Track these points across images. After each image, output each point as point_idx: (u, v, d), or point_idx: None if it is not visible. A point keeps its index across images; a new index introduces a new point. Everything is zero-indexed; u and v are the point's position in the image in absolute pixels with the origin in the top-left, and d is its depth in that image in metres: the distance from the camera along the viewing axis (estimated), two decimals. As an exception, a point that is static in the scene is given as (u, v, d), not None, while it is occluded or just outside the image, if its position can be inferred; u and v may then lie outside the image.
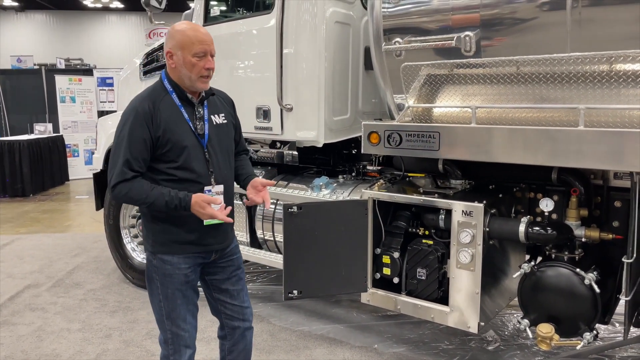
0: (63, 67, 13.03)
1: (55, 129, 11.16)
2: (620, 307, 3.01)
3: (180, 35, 2.14)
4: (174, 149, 2.15)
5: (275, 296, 4.33)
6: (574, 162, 2.47)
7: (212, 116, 2.30)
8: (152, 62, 4.67)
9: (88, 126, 11.80)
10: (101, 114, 12.15)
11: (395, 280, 3.17)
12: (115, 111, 5.37)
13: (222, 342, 2.55)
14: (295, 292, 3.06)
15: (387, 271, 3.19)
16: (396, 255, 3.16)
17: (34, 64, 13.08)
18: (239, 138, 2.52)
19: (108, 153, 4.70)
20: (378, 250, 3.22)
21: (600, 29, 2.47)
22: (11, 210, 8.19)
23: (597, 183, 2.94)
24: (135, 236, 4.63)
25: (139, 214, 4.53)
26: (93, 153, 11.90)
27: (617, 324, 3.60)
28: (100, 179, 4.92)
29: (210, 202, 2.11)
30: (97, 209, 5.03)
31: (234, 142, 2.45)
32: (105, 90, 12.12)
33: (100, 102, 12.03)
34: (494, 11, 2.72)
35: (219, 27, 4.07)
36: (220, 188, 2.25)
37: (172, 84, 2.21)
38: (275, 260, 3.76)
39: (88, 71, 12.20)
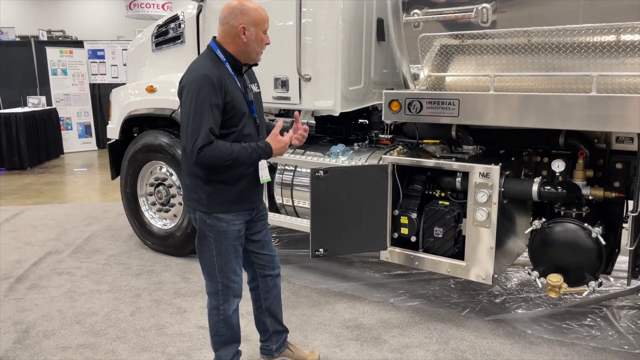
0: (45, 39, 12.80)
1: (48, 102, 11.08)
2: (619, 264, 3.31)
3: (255, 13, 2.34)
4: (237, 116, 2.35)
5: (290, 258, 4.55)
6: (587, 125, 2.70)
7: (251, 85, 2.54)
8: (165, 34, 4.75)
9: (80, 99, 11.75)
10: (93, 86, 12.09)
11: (413, 239, 3.41)
12: (122, 83, 5.43)
13: (255, 293, 2.80)
14: (321, 250, 3.30)
15: (404, 231, 3.43)
16: (414, 215, 3.39)
17: (16, 36, 12.83)
18: None
19: (125, 123, 4.82)
20: (396, 212, 3.45)
21: (610, 1, 2.67)
22: (12, 182, 8.23)
23: (601, 147, 3.19)
24: (153, 203, 4.78)
25: (157, 182, 4.70)
26: (87, 126, 12.00)
27: (611, 278, 3.91)
28: (114, 149, 5.04)
29: (277, 135, 2.42)
30: (113, 178, 5.15)
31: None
32: (96, 62, 12.02)
33: (92, 74, 11.94)
34: (511, -16, 2.90)
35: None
36: None
37: (226, 54, 2.38)
38: (296, 223, 3.97)
39: (78, 43, 12.04)
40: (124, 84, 5.21)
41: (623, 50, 2.67)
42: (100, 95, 11.77)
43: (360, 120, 4.40)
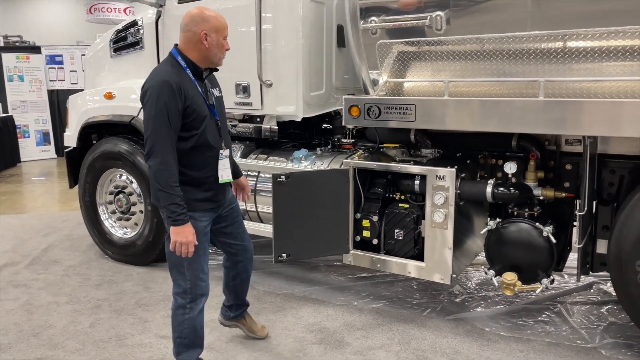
0: (2, 44, 12.40)
1: (4, 109, 10.73)
2: (570, 261, 3.45)
3: (215, 20, 2.47)
4: (197, 119, 2.44)
5: (255, 264, 4.53)
6: (536, 128, 2.81)
7: (213, 90, 2.66)
8: (124, 39, 4.68)
9: (38, 106, 11.43)
10: (52, 93, 11.77)
11: (375, 241, 3.47)
12: (81, 89, 5.32)
13: (227, 270, 3.04)
14: (284, 255, 3.33)
15: (366, 234, 3.48)
16: (375, 218, 3.45)
17: (-31, 42, 12.39)
18: None
19: (82, 131, 4.73)
20: (358, 215, 3.49)
21: (556, 9, 2.79)
22: (-35, 193, 7.93)
23: (551, 149, 3.33)
24: (113, 212, 4.70)
25: (117, 190, 4.63)
26: (46, 134, 11.66)
27: (565, 276, 4.06)
28: (72, 157, 4.93)
29: (190, 243, 2.40)
30: (71, 186, 5.04)
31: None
32: (54, 68, 11.72)
33: (50, 80, 11.64)
34: (463, -7, 2.99)
35: (195, 4, 4.14)
36: (228, 152, 2.64)
37: (187, 61, 2.48)
38: (259, 228, 3.97)
39: (36, 49, 11.70)
40: (83, 90, 5.11)
41: (569, 56, 2.80)
42: (59, 102, 11.46)
43: (323, 125, 4.45)
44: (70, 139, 4.91)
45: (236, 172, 2.90)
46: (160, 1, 4.27)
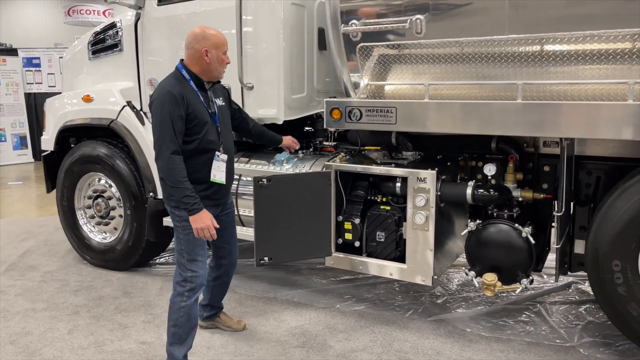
0: (-24, 46, 12.18)
1: (-21, 112, 10.52)
2: (549, 262, 3.49)
3: (215, 38, 2.77)
4: (199, 124, 2.74)
5: (237, 268, 4.49)
6: (515, 131, 2.85)
7: (216, 99, 2.93)
8: (102, 42, 4.62)
9: (15, 109, 11.23)
10: (29, 96, 11.55)
11: (357, 244, 3.47)
12: (59, 92, 5.23)
13: (211, 270, 3.23)
14: (266, 258, 3.30)
15: (348, 236, 3.48)
16: (357, 221, 3.45)
17: (-58, 43, 12.12)
18: (234, 102, 3.29)
19: (60, 134, 4.65)
20: (340, 218, 3.49)
21: (533, 13, 2.83)
22: (-61, 198, 7.74)
23: (529, 151, 3.37)
24: (92, 217, 4.63)
25: (95, 194, 4.56)
26: (23, 137, 11.44)
27: (544, 276, 4.11)
28: (50, 161, 4.85)
29: (210, 227, 2.68)
30: (48, 191, 4.95)
31: (231, 121, 3.10)
32: (32, 71, 11.53)
33: (27, 83, 11.44)
34: (442, -4, 3.02)
35: (174, 7, 4.12)
36: (225, 157, 2.87)
37: (190, 74, 2.78)
38: (241, 232, 3.92)
39: (12, 51, 11.49)
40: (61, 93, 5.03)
41: (547, 59, 2.84)
42: (37, 105, 11.26)
43: (305, 128, 4.44)
44: (48, 142, 4.82)
45: (275, 137, 3.49)
46: (140, 3, 4.23)
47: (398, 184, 3.31)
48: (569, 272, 3.34)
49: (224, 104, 2.99)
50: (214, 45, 2.75)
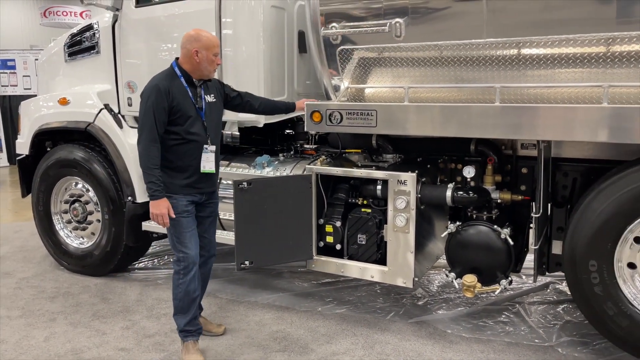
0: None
1: (-48, 115, 10.26)
2: (528, 262, 3.54)
3: (206, 40, 2.95)
4: (182, 117, 2.93)
5: (217, 273, 4.47)
6: (493, 133, 2.88)
7: (206, 96, 3.07)
8: (79, 44, 4.54)
9: (-11, 112, 10.96)
10: (3, 99, 11.30)
11: (338, 247, 3.47)
12: (35, 95, 5.13)
13: None
14: (247, 262, 3.29)
15: (330, 239, 3.48)
16: (338, 224, 3.45)
17: None
18: (232, 91, 3.34)
19: (36, 138, 4.56)
20: (321, 221, 3.49)
21: (510, 18, 2.87)
22: None
23: (508, 153, 3.42)
24: (69, 222, 4.54)
25: (72, 198, 4.48)
26: (-4, 141, 11.18)
27: (523, 276, 4.17)
28: (25, 165, 4.75)
29: (164, 215, 2.87)
30: (23, 195, 4.84)
31: (222, 116, 3.26)
32: (6, 73, 11.29)
33: (2, 86, 11.19)
34: (421, 0, 3.04)
35: (153, 8, 4.08)
36: (213, 148, 3.03)
37: (182, 71, 2.98)
38: (222, 236, 3.89)
39: (-15, 52, 11.25)
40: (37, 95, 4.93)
41: (524, 63, 2.88)
42: (12, 108, 11.02)
43: (286, 131, 4.43)
44: (23, 146, 4.72)
45: (288, 105, 3.54)
46: (117, 5, 4.17)
47: (379, 187, 3.32)
48: (547, 273, 3.39)
49: (215, 100, 3.12)
50: (204, 46, 2.93)
